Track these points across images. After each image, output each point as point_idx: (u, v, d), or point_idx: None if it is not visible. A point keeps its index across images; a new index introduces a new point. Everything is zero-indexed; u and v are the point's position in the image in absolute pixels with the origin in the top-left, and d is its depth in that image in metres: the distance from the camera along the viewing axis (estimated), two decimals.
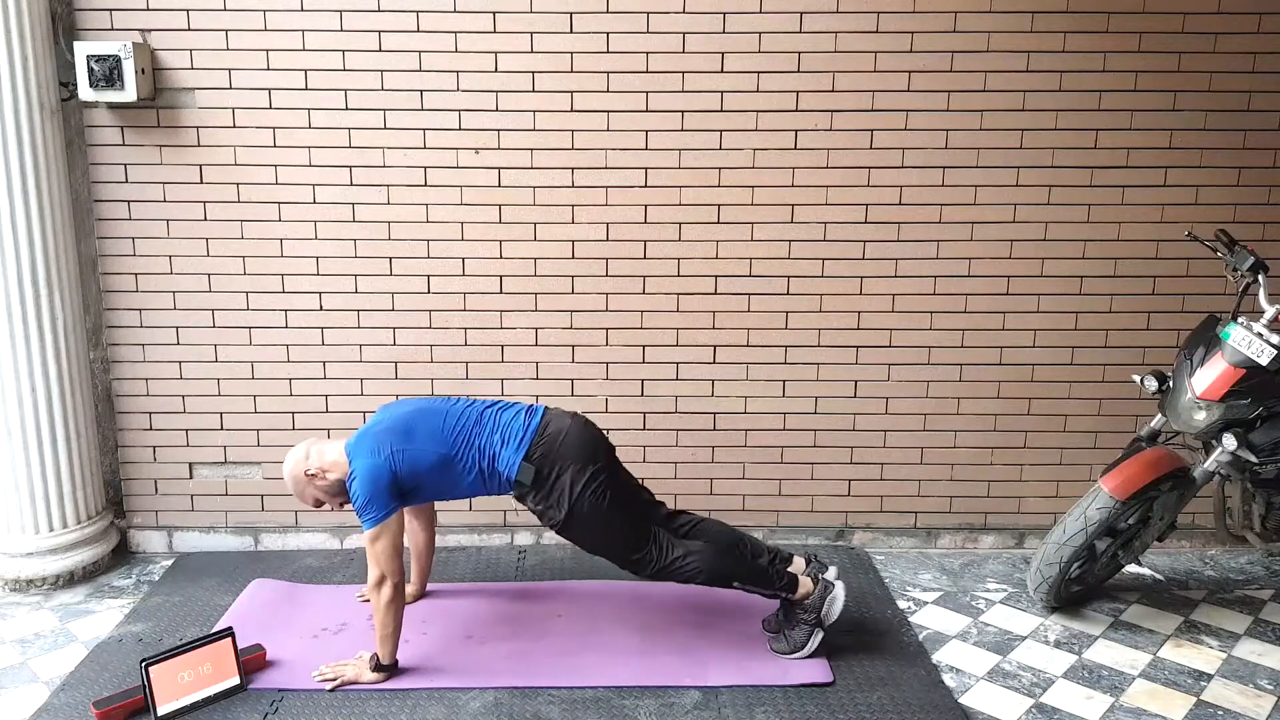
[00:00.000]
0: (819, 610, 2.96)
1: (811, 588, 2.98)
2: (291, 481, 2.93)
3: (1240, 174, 3.63)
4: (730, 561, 2.96)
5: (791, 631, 3.01)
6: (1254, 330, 2.96)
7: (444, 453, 2.86)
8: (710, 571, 2.92)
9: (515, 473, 2.85)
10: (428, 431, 2.87)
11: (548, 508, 2.88)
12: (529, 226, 3.62)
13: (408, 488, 2.86)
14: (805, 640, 2.99)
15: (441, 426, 2.88)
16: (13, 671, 3.01)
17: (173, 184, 3.57)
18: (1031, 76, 3.54)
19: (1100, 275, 3.68)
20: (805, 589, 2.98)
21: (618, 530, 2.91)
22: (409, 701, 2.82)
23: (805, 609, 2.97)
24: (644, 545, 2.91)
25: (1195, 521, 3.79)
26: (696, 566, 2.91)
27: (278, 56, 3.50)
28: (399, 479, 2.82)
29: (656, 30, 3.49)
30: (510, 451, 2.86)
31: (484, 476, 2.89)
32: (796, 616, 3.00)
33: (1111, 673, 3.04)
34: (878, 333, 3.71)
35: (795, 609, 3.00)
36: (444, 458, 2.86)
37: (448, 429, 2.88)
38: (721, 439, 3.79)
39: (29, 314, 3.34)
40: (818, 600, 2.96)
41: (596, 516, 2.86)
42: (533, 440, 2.86)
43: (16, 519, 3.45)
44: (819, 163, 3.59)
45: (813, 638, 2.98)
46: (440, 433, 2.87)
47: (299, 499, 2.98)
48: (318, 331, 3.68)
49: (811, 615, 2.97)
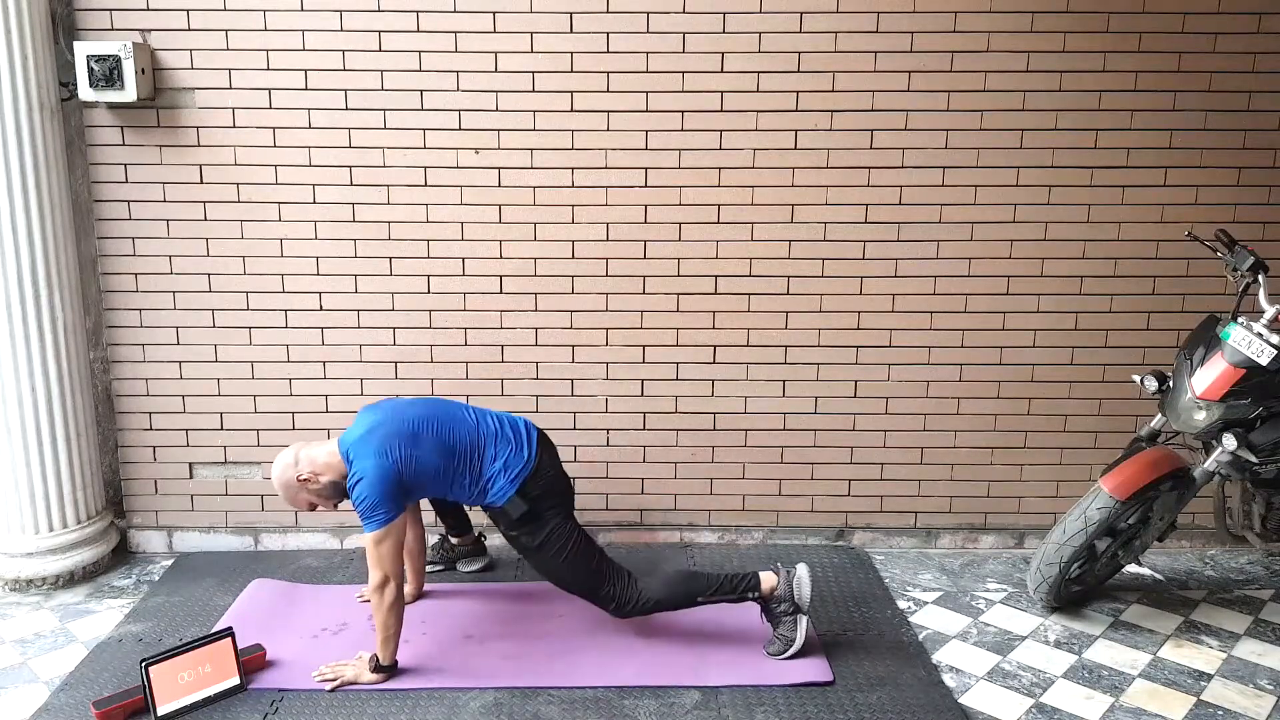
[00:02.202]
0: (791, 597, 2.98)
1: (775, 580, 3.00)
2: (282, 488, 2.90)
3: (1240, 174, 3.63)
4: (689, 582, 3.02)
5: (778, 630, 3.02)
6: (1254, 330, 2.96)
7: (444, 465, 2.88)
8: (671, 596, 3.00)
9: (504, 502, 2.91)
10: (434, 440, 2.87)
11: (522, 534, 2.96)
12: (529, 226, 3.62)
13: (409, 490, 2.86)
14: (793, 632, 2.99)
15: (449, 438, 2.89)
16: (13, 671, 3.01)
17: (173, 184, 3.57)
18: (1031, 76, 3.54)
19: (1100, 275, 3.68)
20: (770, 583, 3.00)
21: (581, 572, 2.98)
22: (409, 701, 2.82)
23: (778, 601, 2.99)
24: (606, 582, 2.98)
25: (1195, 521, 3.79)
26: (656, 595, 2.99)
27: (278, 56, 3.50)
28: (405, 483, 2.82)
29: (656, 30, 3.49)
30: (505, 482, 2.91)
31: (475, 493, 2.96)
32: (775, 614, 3.01)
33: (1111, 673, 3.04)
34: (878, 333, 3.72)
35: (770, 606, 3.01)
36: (444, 469, 2.88)
37: (454, 442, 2.90)
38: (721, 439, 3.80)
39: (29, 314, 3.34)
40: (785, 588, 2.98)
41: (564, 558, 2.95)
42: (530, 476, 2.92)
43: (16, 519, 3.45)
44: (819, 163, 3.59)
45: (799, 626, 2.99)
46: (446, 445, 2.88)
47: (291, 504, 2.96)
48: (318, 331, 3.68)
49: (787, 605, 2.98)
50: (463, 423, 2.94)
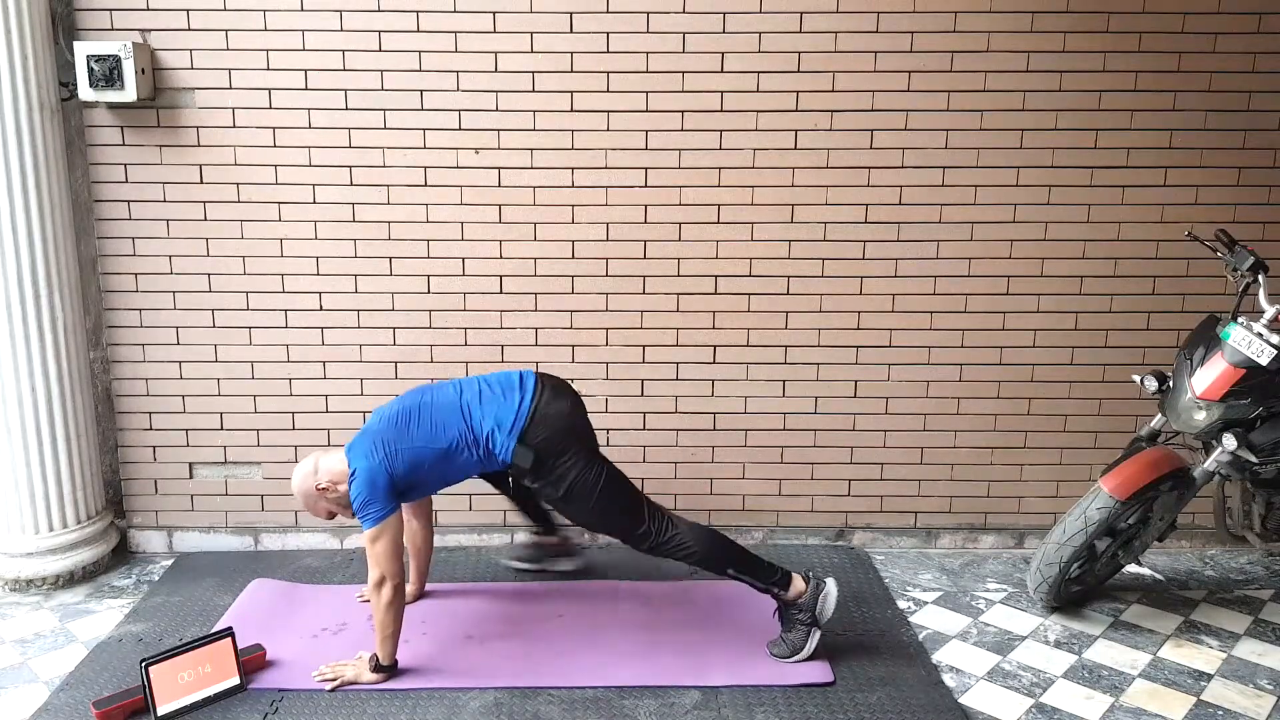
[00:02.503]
0: (813, 609, 2.96)
1: (804, 586, 2.98)
2: (302, 497, 2.91)
3: (1240, 174, 3.63)
4: (725, 546, 2.96)
5: (789, 634, 3.01)
6: (1254, 330, 2.96)
7: (441, 446, 2.84)
8: (705, 553, 2.93)
9: (510, 456, 2.84)
10: (421, 427, 2.85)
11: (545, 485, 2.89)
12: (529, 226, 3.62)
13: (406, 486, 2.85)
14: (803, 642, 2.98)
15: (433, 420, 2.86)
16: (13, 671, 3.02)
17: (173, 184, 3.57)
18: (1031, 76, 3.54)
19: (1100, 275, 3.68)
20: (798, 587, 2.98)
21: (615, 508, 2.91)
22: (409, 701, 2.82)
23: (799, 608, 2.97)
24: (642, 521, 2.91)
25: (1195, 521, 3.79)
26: (692, 546, 2.91)
27: (278, 56, 3.50)
28: (396, 479, 2.81)
29: (656, 30, 3.49)
30: (504, 436, 2.83)
31: (481, 459, 2.89)
32: (792, 618, 3.00)
33: (1111, 673, 3.04)
34: (878, 333, 3.72)
35: (790, 610, 2.99)
36: (441, 451, 2.85)
37: (440, 421, 2.86)
38: (721, 439, 3.80)
39: (29, 314, 3.34)
40: (811, 599, 2.96)
41: (594, 496, 2.86)
42: (527, 422, 2.84)
43: (16, 519, 3.45)
44: (819, 163, 3.59)
45: (810, 638, 2.98)
46: (433, 427, 2.85)
47: (311, 513, 2.95)
48: (318, 331, 3.68)
49: (806, 615, 2.97)
50: (445, 399, 2.90)
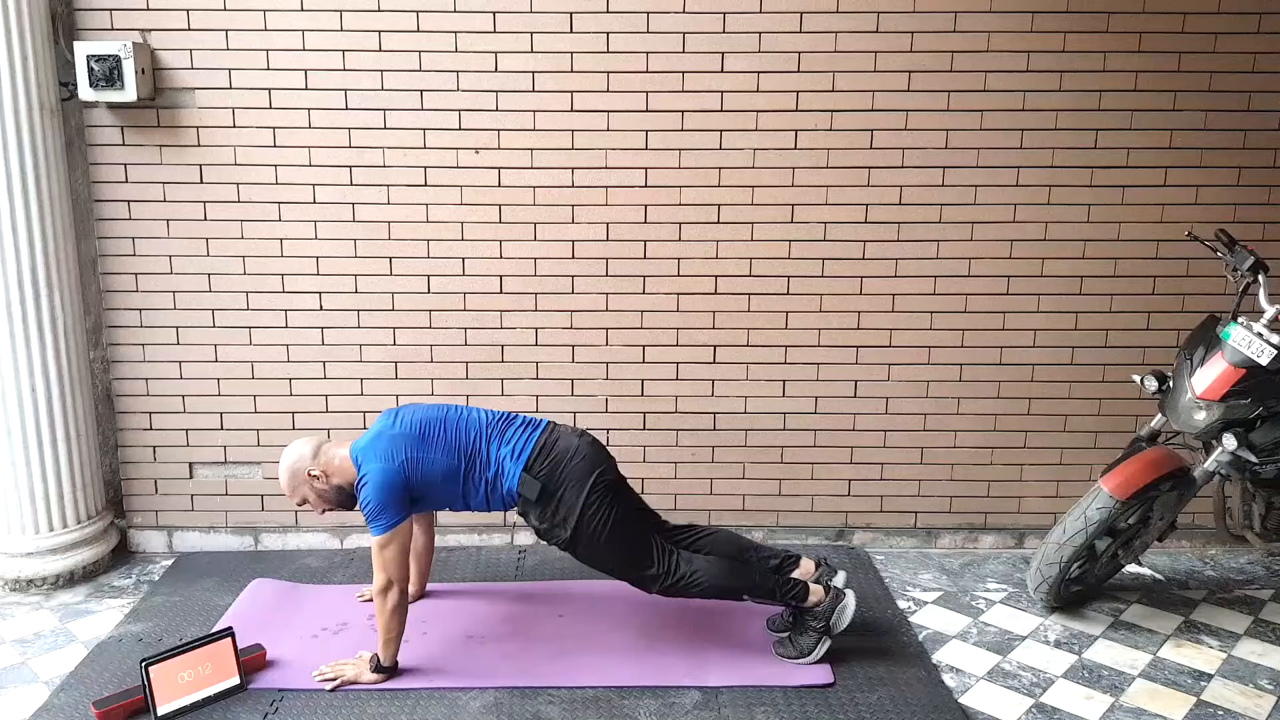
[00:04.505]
0: (828, 619, 2.95)
1: (822, 595, 2.97)
2: (289, 474, 2.87)
3: (1240, 174, 3.63)
4: (738, 574, 2.95)
5: (799, 638, 3.00)
6: (1254, 330, 2.96)
7: (454, 464, 2.84)
8: (718, 586, 2.93)
9: (515, 484, 2.84)
10: (440, 441, 2.85)
11: (553, 526, 2.87)
12: (529, 226, 3.62)
13: (417, 495, 2.85)
14: (813, 647, 2.97)
15: (453, 436, 2.87)
16: (13, 671, 3.02)
17: (173, 184, 3.57)
18: (1031, 76, 3.54)
19: (1100, 275, 3.68)
20: (816, 597, 2.97)
21: (625, 549, 2.90)
22: (409, 701, 2.82)
23: (815, 616, 2.97)
24: (651, 563, 2.90)
25: (1195, 521, 3.79)
26: (705, 582, 2.91)
27: (278, 56, 3.50)
28: (411, 487, 2.81)
29: (656, 30, 3.49)
30: (511, 464, 2.85)
31: (489, 490, 2.88)
32: (805, 624, 2.99)
33: (1111, 673, 3.04)
34: (878, 333, 3.71)
35: (804, 616, 2.99)
36: (453, 469, 2.85)
37: (458, 439, 2.87)
38: (721, 439, 3.80)
39: (29, 314, 3.34)
40: (828, 609, 2.96)
41: (604, 536, 2.86)
42: (533, 453, 2.85)
43: (16, 519, 3.45)
44: (819, 163, 3.59)
45: (820, 645, 2.97)
46: (451, 443, 2.86)
47: (286, 492, 2.90)
48: (318, 331, 3.68)
49: (820, 623, 2.96)
50: (472, 421, 2.92)
